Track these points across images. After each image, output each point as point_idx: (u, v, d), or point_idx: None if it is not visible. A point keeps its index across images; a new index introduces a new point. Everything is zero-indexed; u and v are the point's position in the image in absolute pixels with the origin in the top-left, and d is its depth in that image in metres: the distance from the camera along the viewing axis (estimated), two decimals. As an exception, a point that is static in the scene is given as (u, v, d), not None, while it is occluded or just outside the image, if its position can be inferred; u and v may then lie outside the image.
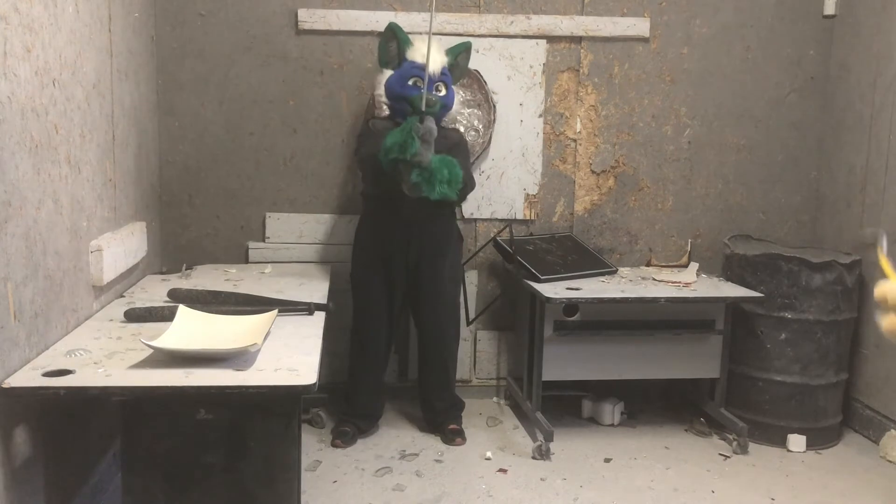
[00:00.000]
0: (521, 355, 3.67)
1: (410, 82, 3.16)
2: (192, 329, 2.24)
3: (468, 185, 3.24)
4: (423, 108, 3.05)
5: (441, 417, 3.44)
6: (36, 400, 1.97)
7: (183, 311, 2.32)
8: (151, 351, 2.04)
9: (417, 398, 3.59)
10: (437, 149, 3.04)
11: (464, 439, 3.39)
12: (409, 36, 3.27)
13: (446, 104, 3.24)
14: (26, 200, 2.02)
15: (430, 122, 2.99)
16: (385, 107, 3.34)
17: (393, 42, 3.25)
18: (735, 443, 3.38)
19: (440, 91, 3.20)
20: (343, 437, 3.30)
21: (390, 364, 3.75)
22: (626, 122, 3.85)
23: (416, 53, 3.18)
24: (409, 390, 3.70)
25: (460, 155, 3.24)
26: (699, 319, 3.44)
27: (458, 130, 3.49)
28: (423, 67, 3.10)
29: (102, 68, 2.67)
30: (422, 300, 3.34)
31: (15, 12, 1.95)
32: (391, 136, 2.97)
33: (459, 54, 3.34)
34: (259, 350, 2.10)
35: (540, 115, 3.78)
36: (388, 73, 3.27)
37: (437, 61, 3.17)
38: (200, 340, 2.16)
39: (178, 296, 2.65)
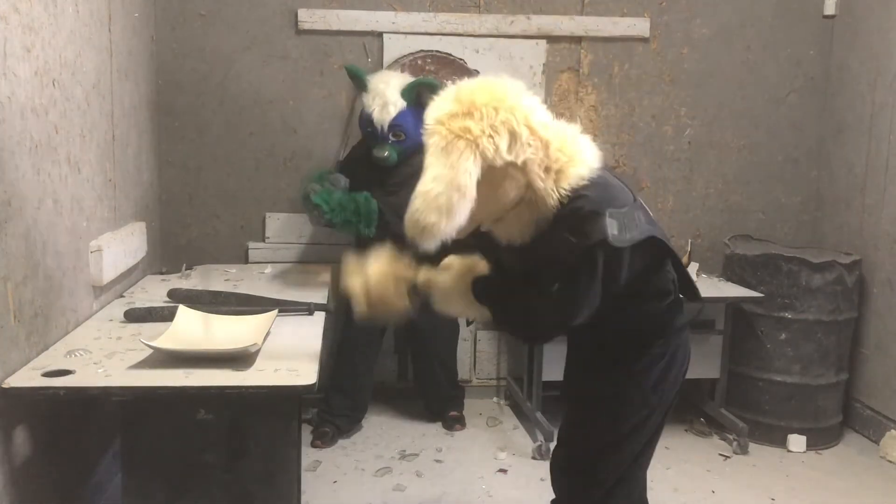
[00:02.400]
0: (521, 355, 3.67)
1: (369, 129, 3.18)
2: (192, 329, 2.24)
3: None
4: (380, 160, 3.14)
5: (442, 405, 3.51)
6: (36, 400, 1.97)
7: (183, 311, 2.33)
8: (151, 351, 2.04)
9: (417, 397, 3.61)
10: (395, 180, 3.10)
11: (463, 425, 3.46)
12: (368, 77, 3.19)
13: (408, 149, 3.10)
14: (26, 200, 2.02)
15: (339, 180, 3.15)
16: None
17: (354, 83, 3.27)
18: (735, 443, 3.38)
19: (399, 137, 3.13)
20: (323, 437, 3.31)
21: (390, 364, 3.76)
22: (626, 122, 3.85)
23: (369, 100, 3.14)
24: (409, 390, 3.70)
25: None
26: (699, 319, 3.43)
27: None
28: (370, 120, 3.12)
29: (102, 68, 2.67)
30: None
31: (15, 12, 1.95)
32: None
33: (418, 93, 3.08)
34: (259, 350, 2.10)
35: (540, 115, 3.77)
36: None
37: (385, 115, 3.10)
38: (200, 340, 2.16)
39: (177, 296, 2.65)
